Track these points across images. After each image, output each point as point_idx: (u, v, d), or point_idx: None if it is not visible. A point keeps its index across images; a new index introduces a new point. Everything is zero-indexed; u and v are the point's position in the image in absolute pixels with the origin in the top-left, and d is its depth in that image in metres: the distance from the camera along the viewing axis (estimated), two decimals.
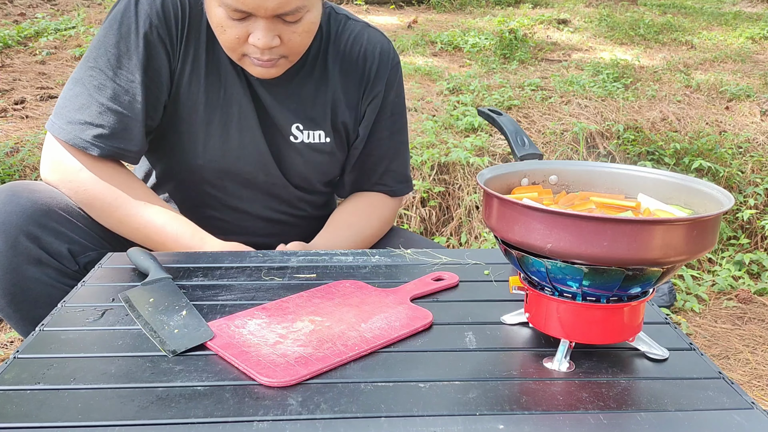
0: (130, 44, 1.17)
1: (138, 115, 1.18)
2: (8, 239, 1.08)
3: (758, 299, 2.50)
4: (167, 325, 0.85)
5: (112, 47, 1.17)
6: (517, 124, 1.04)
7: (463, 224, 2.82)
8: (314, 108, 1.30)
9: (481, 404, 0.70)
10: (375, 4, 7.77)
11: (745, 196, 3.07)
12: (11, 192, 1.12)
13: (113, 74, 1.17)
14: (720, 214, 0.74)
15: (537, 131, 3.41)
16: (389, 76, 1.35)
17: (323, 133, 1.32)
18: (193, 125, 1.24)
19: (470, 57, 5.13)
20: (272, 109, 1.28)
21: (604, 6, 8.26)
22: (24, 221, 1.09)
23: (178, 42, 1.20)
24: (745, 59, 5.45)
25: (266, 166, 1.30)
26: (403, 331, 0.84)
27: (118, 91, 1.17)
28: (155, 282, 0.97)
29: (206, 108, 1.23)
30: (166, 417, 0.67)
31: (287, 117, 1.29)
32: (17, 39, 4.51)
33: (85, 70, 1.18)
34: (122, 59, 1.17)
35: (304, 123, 1.30)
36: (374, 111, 1.35)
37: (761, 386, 1.95)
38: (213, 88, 1.23)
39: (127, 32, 1.17)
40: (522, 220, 0.74)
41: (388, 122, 1.38)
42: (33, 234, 1.09)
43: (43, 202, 1.13)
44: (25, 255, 1.09)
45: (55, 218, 1.13)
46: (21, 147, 2.82)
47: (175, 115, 1.24)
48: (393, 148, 1.40)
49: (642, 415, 0.69)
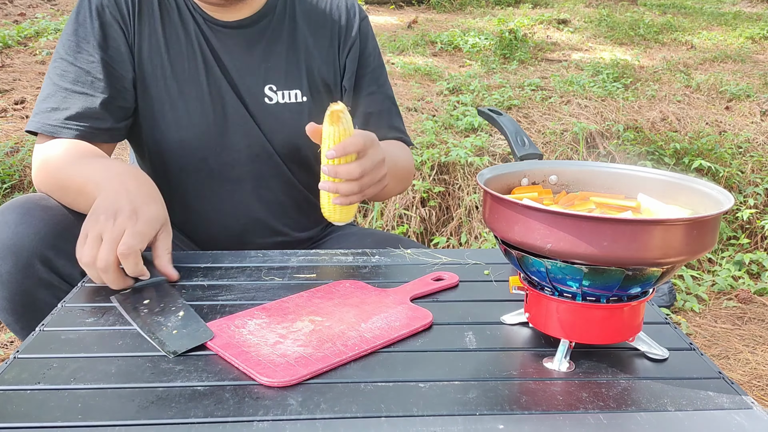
0: (87, 28, 1.21)
1: (103, 91, 1.20)
2: (19, 262, 1.04)
3: (758, 299, 2.50)
4: (165, 326, 0.85)
5: (71, 35, 1.22)
6: (517, 124, 1.04)
7: (463, 224, 2.82)
8: (289, 65, 1.31)
9: (481, 404, 0.70)
10: (375, 4, 7.77)
11: (745, 196, 3.07)
12: (24, 210, 1.08)
13: (73, 59, 1.21)
14: (720, 214, 0.74)
15: (537, 131, 3.41)
16: (361, 27, 1.38)
17: (299, 93, 1.32)
18: (164, 102, 1.25)
19: (470, 57, 5.13)
20: (240, 73, 1.28)
21: (604, 6, 8.27)
22: (37, 243, 1.05)
23: (130, 18, 1.23)
24: (745, 59, 5.45)
25: (248, 133, 1.28)
26: (403, 331, 0.84)
27: (79, 73, 1.20)
28: (148, 284, 0.97)
29: (173, 82, 1.25)
30: (166, 417, 0.67)
31: (258, 80, 1.29)
32: (17, 39, 4.51)
33: (51, 64, 1.23)
34: (81, 44, 1.21)
35: (278, 83, 1.30)
36: (354, 62, 1.37)
37: (761, 386, 1.95)
38: (176, 62, 1.25)
39: (83, 19, 1.22)
40: (522, 220, 0.74)
41: (374, 75, 1.41)
42: (46, 257, 1.05)
43: (56, 221, 1.09)
44: (36, 278, 1.05)
45: (68, 239, 1.07)
46: (21, 147, 2.82)
47: (145, 94, 1.25)
48: (387, 103, 1.43)
49: (642, 415, 0.69)
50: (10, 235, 1.05)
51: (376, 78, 1.41)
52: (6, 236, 1.05)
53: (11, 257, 1.04)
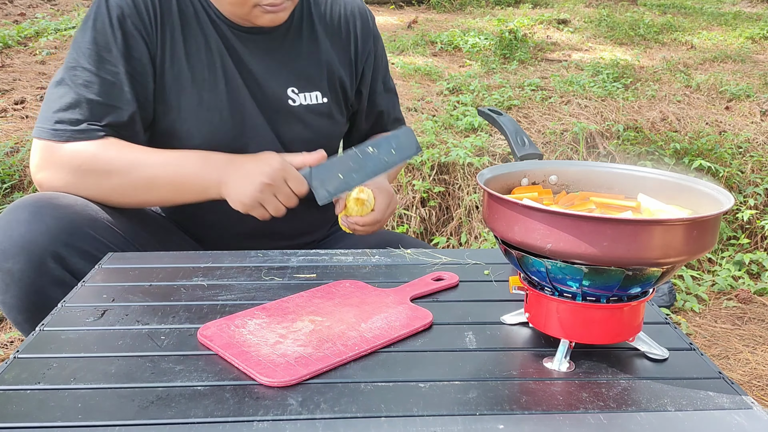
0: (108, 38, 1.18)
1: (130, 105, 1.19)
2: (33, 260, 1.04)
3: (758, 299, 2.50)
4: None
5: (90, 44, 1.18)
6: (517, 124, 1.04)
7: (463, 224, 2.82)
8: (309, 68, 1.33)
9: (481, 404, 0.70)
10: (375, 4, 7.78)
11: (745, 196, 3.06)
12: (35, 208, 1.08)
13: (96, 69, 1.17)
14: (720, 214, 0.74)
15: (537, 131, 3.41)
16: (374, 32, 1.43)
17: (320, 94, 1.34)
18: (182, 110, 1.24)
19: (470, 57, 5.13)
20: (264, 77, 1.28)
21: (604, 6, 8.27)
22: (50, 242, 1.05)
23: (152, 29, 1.21)
24: (745, 59, 5.45)
25: (264, 140, 1.29)
26: (403, 331, 0.84)
27: (105, 84, 1.17)
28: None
29: (193, 90, 1.24)
30: (166, 417, 0.67)
31: (280, 82, 1.30)
32: (17, 39, 4.51)
33: (67, 71, 1.18)
34: (102, 53, 1.18)
35: (299, 85, 1.32)
36: (370, 68, 1.43)
37: (761, 386, 1.95)
38: (197, 71, 1.24)
39: (102, 27, 1.18)
40: (522, 220, 0.74)
41: (384, 75, 1.48)
42: (59, 255, 1.06)
43: (69, 219, 1.09)
44: (49, 276, 1.05)
45: (80, 236, 1.09)
46: (21, 147, 2.82)
47: (164, 103, 1.24)
48: (393, 98, 1.53)
49: (642, 415, 0.69)
50: (23, 233, 1.05)
51: (384, 76, 1.48)
52: (18, 234, 1.05)
53: (24, 255, 1.04)
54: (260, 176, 1.13)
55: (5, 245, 1.05)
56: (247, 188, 1.14)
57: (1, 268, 1.05)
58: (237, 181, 1.15)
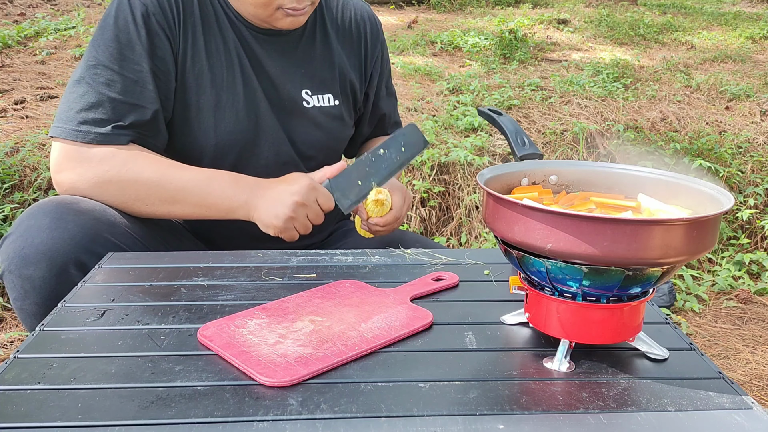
0: (131, 35, 1.16)
1: (154, 103, 1.18)
2: (54, 268, 1.04)
3: (758, 299, 2.50)
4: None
5: (112, 42, 1.16)
6: (517, 124, 1.04)
7: (463, 224, 2.82)
8: (322, 70, 1.35)
9: (481, 404, 0.70)
10: (375, 4, 7.78)
11: (745, 196, 3.06)
12: (57, 214, 1.07)
13: (119, 67, 1.15)
14: (720, 214, 0.74)
15: (537, 131, 3.41)
16: (381, 37, 1.46)
17: (332, 96, 1.36)
18: (200, 110, 1.24)
19: (470, 57, 5.13)
20: (280, 79, 1.30)
21: (604, 6, 8.26)
22: (72, 249, 1.05)
23: (176, 28, 1.20)
24: (745, 59, 5.45)
25: (277, 142, 1.31)
26: (403, 331, 0.84)
27: (128, 83, 1.16)
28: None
29: (211, 90, 1.24)
30: (166, 417, 0.67)
31: (295, 84, 1.31)
32: (17, 39, 4.51)
33: (87, 69, 1.16)
34: (124, 51, 1.16)
35: (313, 87, 1.33)
36: (377, 72, 1.46)
37: (761, 386, 1.95)
38: (216, 71, 1.24)
39: (125, 24, 1.16)
40: (522, 220, 0.74)
41: (388, 79, 1.51)
42: (81, 262, 1.05)
43: (90, 225, 1.08)
44: (70, 284, 1.04)
45: (101, 243, 1.09)
46: (21, 147, 2.82)
47: (182, 102, 1.23)
48: (394, 102, 1.56)
49: (642, 415, 0.69)
50: (45, 239, 1.03)
51: (387, 80, 1.51)
52: (40, 241, 1.03)
53: (46, 263, 1.03)
54: (292, 196, 1.14)
55: (27, 251, 1.04)
56: (279, 209, 1.14)
57: (22, 274, 1.04)
58: (268, 203, 1.15)
